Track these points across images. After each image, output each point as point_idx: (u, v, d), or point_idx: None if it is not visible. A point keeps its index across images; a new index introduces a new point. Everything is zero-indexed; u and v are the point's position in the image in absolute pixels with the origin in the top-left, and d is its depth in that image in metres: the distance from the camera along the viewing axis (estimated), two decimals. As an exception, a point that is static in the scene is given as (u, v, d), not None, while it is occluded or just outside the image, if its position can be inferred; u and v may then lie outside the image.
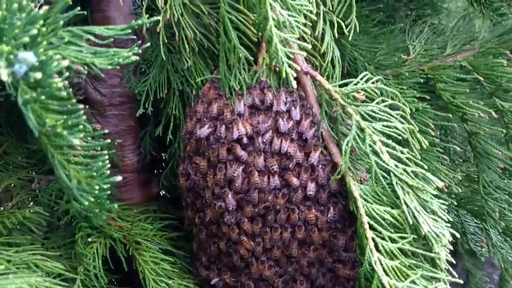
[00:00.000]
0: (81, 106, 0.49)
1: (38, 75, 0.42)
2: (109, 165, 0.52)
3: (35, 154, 1.04)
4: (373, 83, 0.68)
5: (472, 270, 1.46)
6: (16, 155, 1.01)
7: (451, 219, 0.68)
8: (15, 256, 0.61)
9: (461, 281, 0.66)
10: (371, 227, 0.66)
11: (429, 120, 0.84)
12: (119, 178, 0.53)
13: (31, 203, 0.89)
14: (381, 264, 0.63)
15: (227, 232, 0.79)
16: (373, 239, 0.64)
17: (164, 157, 1.13)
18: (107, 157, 0.52)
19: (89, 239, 0.85)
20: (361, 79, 0.70)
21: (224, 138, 0.76)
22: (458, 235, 0.67)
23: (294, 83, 0.63)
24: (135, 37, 0.57)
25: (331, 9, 0.77)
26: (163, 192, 1.13)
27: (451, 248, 0.65)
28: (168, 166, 1.02)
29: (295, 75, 0.63)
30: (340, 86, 0.71)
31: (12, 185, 0.92)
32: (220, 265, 0.85)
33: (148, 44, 0.63)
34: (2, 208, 0.83)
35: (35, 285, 0.48)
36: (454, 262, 0.70)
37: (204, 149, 0.79)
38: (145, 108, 0.95)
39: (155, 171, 1.13)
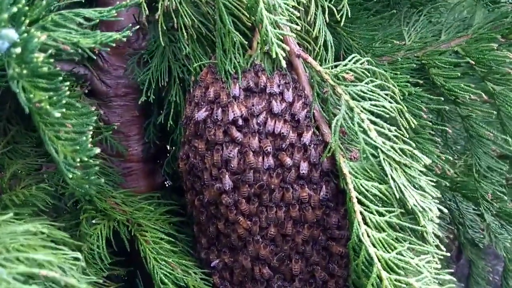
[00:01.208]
0: (67, 83, 0.52)
1: (18, 50, 0.45)
2: (91, 139, 0.55)
3: (43, 143, 1.08)
4: (361, 64, 0.71)
5: (475, 261, 1.47)
6: (25, 144, 1.04)
7: (439, 195, 0.70)
8: (23, 225, 0.64)
9: (448, 254, 0.68)
10: (359, 202, 0.68)
11: (421, 104, 0.86)
12: (97, 150, 0.56)
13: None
14: (368, 236, 0.65)
15: (225, 213, 0.82)
16: (361, 212, 0.66)
17: (168, 148, 1.16)
18: (91, 133, 0.55)
19: (93, 221, 0.89)
20: (350, 60, 0.72)
21: (220, 121, 0.80)
22: (446, 210, 0.69)
23: (283, 63, 0.66)
24: (122, 18, 0.61)
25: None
26: (168, 183, 1.16)
27: (438, 221, 0.67)
28: (171, 153, 1.06)
29: (284, 55, 0.65)
30: (331, 68, 0.73)
31: (20, 171, 0.96)
32: (219, 246, 0.88)
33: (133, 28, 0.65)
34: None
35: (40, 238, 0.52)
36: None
37: (202, 132, 0.82)
38: (147, 96, 0.98)
39: (160, 161, 1.16)
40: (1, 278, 0.40)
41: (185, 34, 0.84)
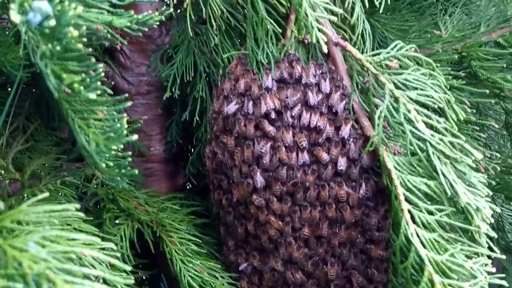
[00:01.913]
0: (100, 65, 0.48)
1: (52, 22, 0.41)
2: (126, 126, 0.51)
3: (64, 142, 1.05)
4: (406, 51, 0.66)
5: (508, 267, 1.40)
6: (45, 143, 1.01)
7: (491, 193, 0.64)
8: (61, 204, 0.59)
9: (504, 257, 0.62)
10: (406, 199, 0.63)
11: (464, 98, 0.81)
12: (135, 137, 0.52)
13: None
14: (418, 237, 0.59)
15: (255, 213, 0.77)
16: (409, 211, 0.61)
17: (190, 148, 1.13)
18: (125, 119, 0.51)
19: (117, 221, 0.85)
20: (393, 48, 0.67)
21: (251, 114, 0.75)
22: (499, 210, 0.63)
23: (325, 48, 0.61)
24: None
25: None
26: (189, 185, 1.12)
27: (492, 221, 0.61)
28: (195, 152, 1.02)
29: (326, 40, 0.61)
30: (372, 56, 0.69)
31: (40, 171, 0.93)
32: (248, 248, 0.83)
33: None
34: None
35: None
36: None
37: (231, 127, 0.78)
38: (171, 92, 0.94)
39: (181, 162, 1.13)
40: (40, 257, 0.36)
41: (213, 24, 0.80)
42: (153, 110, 1.04)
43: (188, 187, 1.12)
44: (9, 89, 1.02)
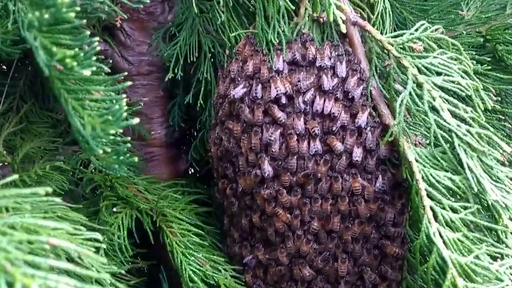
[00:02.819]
0: (96, 38, 0.43)
1: None
2: (125, 108, 0.45)
3: (60, 124, 1.00)
4: (432, 32, 0.60)
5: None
6: (40, 124, 0.96)
7: (520, 190, 0.59)
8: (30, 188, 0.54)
9: (533, 259, 0.57)
10: (429, 195, 0.58)
11: (488, 84, 0.76)
12: (136, 120, 0.47)
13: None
14: (441, 236, 0.55)
15: (262, 204, 0.72)
16: (431, 208, 0.56)
17: (193, 132, 1.08)
18: (124, 100, 0.46)
19: (114, 209, 0.80)
20: (418, 28, 0.61)
21: (260, 99, 0.70)
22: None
23: (343, 28, 0.55)
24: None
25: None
26: (192, 170, 1.08)
27: (523, 220, 0.56)
28: (199, 137, 0.97)
29: (344, 18, 0.55)
30: (394, 37, 0.63)
31: (34, 154, 0.88)
32: (253, 241, 0.78)
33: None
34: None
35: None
36: None
37: (238, 112, 0.72)
38: (174, 73, 0.89)
39: (183, 147, 1.08)
40: (-1, 247, 0.31)
41: (220, 0, 0.74)
42: (155, 91, 1.00)
43: (190, 173, 1.07)
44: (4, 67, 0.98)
